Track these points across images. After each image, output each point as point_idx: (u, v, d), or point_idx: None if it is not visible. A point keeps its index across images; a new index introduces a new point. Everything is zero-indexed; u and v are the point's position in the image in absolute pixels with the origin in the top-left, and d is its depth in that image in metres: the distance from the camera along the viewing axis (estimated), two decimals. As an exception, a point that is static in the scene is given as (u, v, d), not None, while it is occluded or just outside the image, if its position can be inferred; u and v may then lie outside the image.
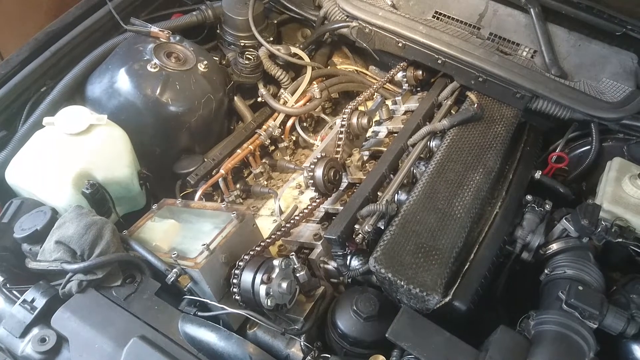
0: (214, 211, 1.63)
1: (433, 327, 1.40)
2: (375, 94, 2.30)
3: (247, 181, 2.16)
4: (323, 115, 2.37)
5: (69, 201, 1.66)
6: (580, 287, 1.46)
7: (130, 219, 1.88)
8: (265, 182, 2.17)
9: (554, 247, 1.67)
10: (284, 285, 1.42)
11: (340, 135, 1.88)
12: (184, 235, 1.61)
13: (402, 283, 1.42)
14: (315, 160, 1.74)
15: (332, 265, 1.66)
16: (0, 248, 1.55)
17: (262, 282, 1.40)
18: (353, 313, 1.48)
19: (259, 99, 2.28)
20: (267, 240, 1.56)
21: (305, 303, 1.55)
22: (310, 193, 2.03)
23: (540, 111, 2.03)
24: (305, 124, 2.33)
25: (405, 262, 1.47)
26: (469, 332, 1.42)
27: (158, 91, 1.91)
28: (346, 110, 1.91)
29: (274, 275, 1.42)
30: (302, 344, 1.45)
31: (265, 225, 1.90)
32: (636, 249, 1.65)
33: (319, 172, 1.72)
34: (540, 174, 1.88)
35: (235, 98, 2.25)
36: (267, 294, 1.39)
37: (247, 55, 2.18)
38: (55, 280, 1.49)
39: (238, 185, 2.08)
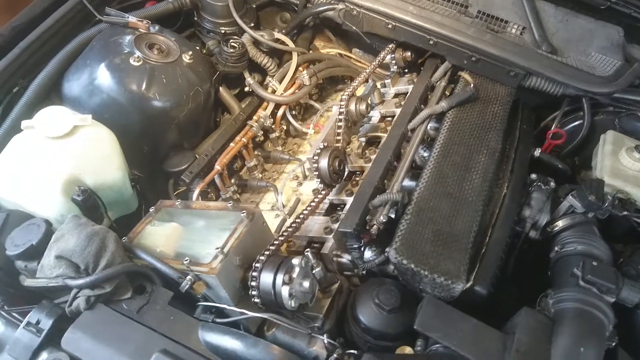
0: (219, 211, 1.55)
1: (458, 315, 1.38)
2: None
3: (242, 175, 2.08)
4: (312, 102, 2.30)
5: (59, 210, 1.54)
6: (594, 263, 1.48)
7: (121, 223, 1.78)
8: (260, 175, 2.09)
9: (560, 224, 1.68)
10: (306, 284, 1.37)
11: (340, 123, 1.83)
12: (189, 239, 1.52)
13: (425, 273, 1.39)
14: (319, 150, 1.68)
15: (346, 258, 1.62)
16: (-12, 267, 1.43)
17: (284, 283, 1.34)
18: (375, 306, 1.44)
19: (246, 89, 2.18)
20: (280, 237, 1.50)
21: (322, 299, 1.51)
22: (309, 184, 1.98)
23: (532, 88, 2.03)
24: (294, 112, 2.25)
25: (425, 251, 1.44)
26: (483, 313, 1.42)
27: (144, 86, 1.79)
28: (343, 97, 1.86)
29: (294, 275, 1.36)
30: (326, 341, 1.40)
31: (268, 220, 1.82)
32: (638, 220, 1.69)
33: (323, 162, 1.67)
34: (539, 151, 1.89)
35: (221, 89, 2.14)
36: (290, 295, 1.34)
37: (232, 44, 2.07)
38: (56, 297, 1.39)
39: (232, 180, 1.99)
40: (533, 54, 1.97)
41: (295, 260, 1.37)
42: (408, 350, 1.41)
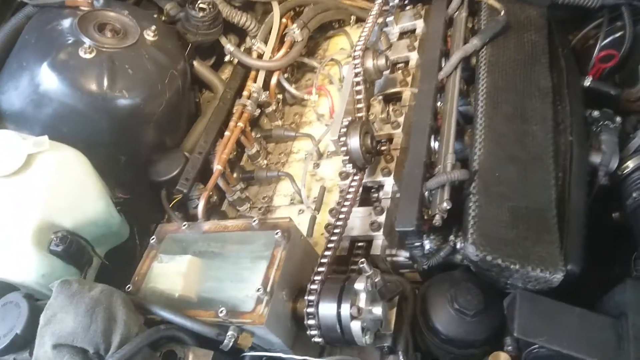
0: (244, 232, 1.23)
1: (559, 307, 1.15)
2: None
3: (243, 166, 1.72)
4: (304, 60, 1.91)
5: (38, 270, 1.20)
6: (692, 211, 1.26)
7: (111, 253, 1.46)
8: (265, 161, 1.74)
9: (631, 164, 1.44)
10: (377, 311, 1.10)
11: (358, 87, 1.48)
12: (214, 277, 1.20)
13: (516, 267, 1.13)
14: (345, 128, 1.35)
15: (402, 256, 1.34)
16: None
17: (352, 317, 1.06)
18: (455, 312, 1.19)
19: (227, 58, 1.78)
20: (327, 252, 1.20)
21: (386, 311, 1.24)
22: (327, 163, 1.65)
23: (565, 4, 1.71)
24: (286, 75, 1.87)
25: (508, 239, 1.17)
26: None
27: (106, 83, 1.38)
28: (356, 54, 1.50)
29: (362, 304, 1.08)
30: (404, 366, 1.16)
31: (293, 219, 1.51)
32: None
33: (354, 142, 1.34)
34: (590, 80, 1.61)
35: (195, 63, 1.74)
36: (363, 329, 1.07)
37: (200, 5, 1.65)
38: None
39: (235, 175, 1.64)
40: (567, -40, 1.63)
41: (359, 285, 1.09)
42: (504, 357, 1.18)
